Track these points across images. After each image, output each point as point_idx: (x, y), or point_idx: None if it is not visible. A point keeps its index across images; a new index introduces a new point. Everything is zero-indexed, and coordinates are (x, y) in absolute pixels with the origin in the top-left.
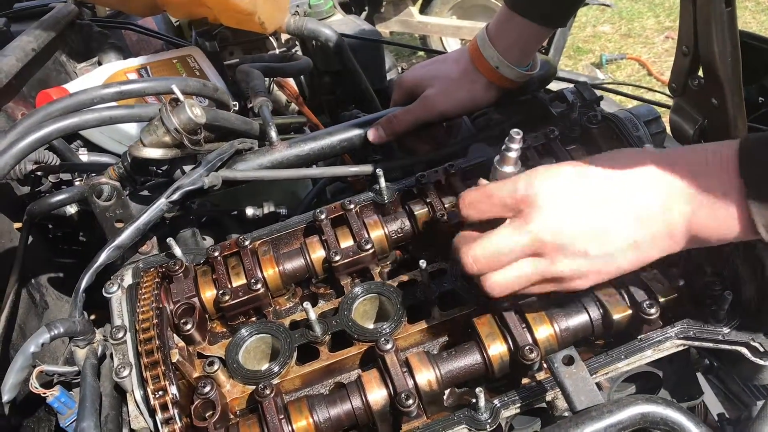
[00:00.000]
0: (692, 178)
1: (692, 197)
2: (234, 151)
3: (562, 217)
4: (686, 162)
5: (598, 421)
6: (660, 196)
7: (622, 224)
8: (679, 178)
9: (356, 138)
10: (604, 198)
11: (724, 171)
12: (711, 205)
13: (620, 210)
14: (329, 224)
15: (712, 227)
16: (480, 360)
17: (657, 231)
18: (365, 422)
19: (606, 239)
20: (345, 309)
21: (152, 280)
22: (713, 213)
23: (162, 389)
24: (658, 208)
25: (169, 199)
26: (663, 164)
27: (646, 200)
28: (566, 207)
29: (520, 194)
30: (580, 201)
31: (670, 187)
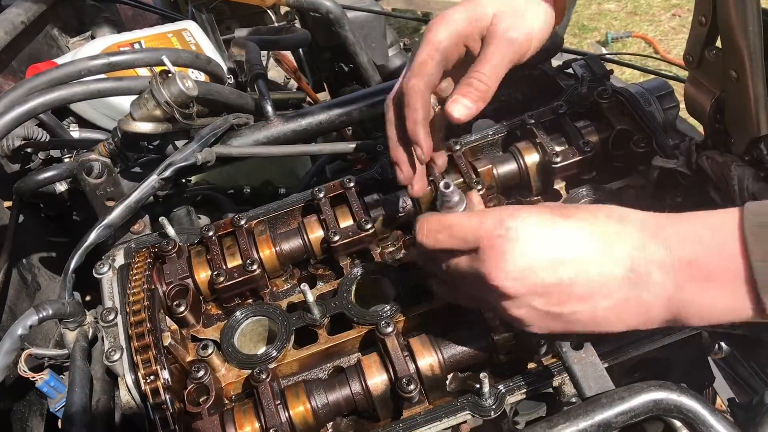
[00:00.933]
0: (679, 246)
1: (678, 270)
2: (228, 126)
3: (513, 271)
4: (673, 228)
5: (608, 408)
6: (636, 262)
7: (582, 288)
8: (662, 245)
9: (355, 112)
10: (566, 256)
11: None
12: (702, 281)
13: (583, 272)
14: (328, 203)
15: (702, 309)
16: (484, 344)
17: (625, 302)
18: (365, 408)
19: (558, 301)
20: (344, 291)
21: (144, 260)
22: (705, 292)
23: (153, 374)
24: (633, 278)
25: (160, 175)
26: (644, 228)
27: (616, 265)
28: (520, 261)
29: (482, 233)
30: (541, 256)
31: (649, 252)
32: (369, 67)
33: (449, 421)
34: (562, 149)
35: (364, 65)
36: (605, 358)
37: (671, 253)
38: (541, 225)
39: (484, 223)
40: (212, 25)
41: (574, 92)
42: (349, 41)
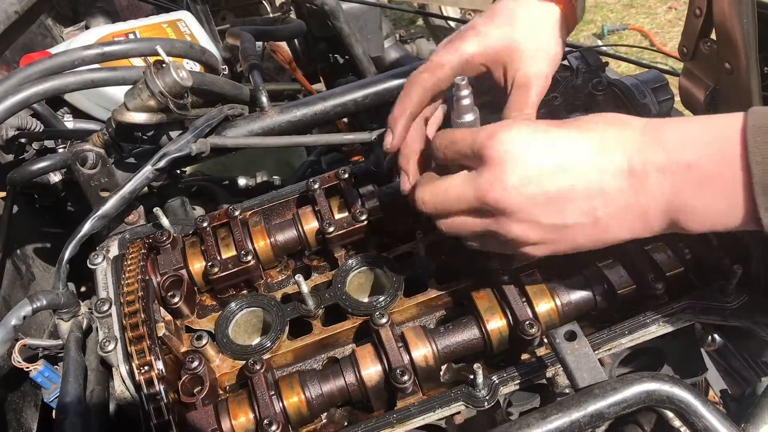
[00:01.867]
0: (679, 149)
1: (677, 173)
2: (223, 116)
3: (511, 182)
4: (674, 131)
5: (601, 399)
6: (634, 167)
7: (582, 195)
8: (661, 149)
9: (350, 103)
10: (564, 163)
11: (722, 146)
12: (700, 185)
13: (582, 179)
14: (323, 194)
15: (699, 212)
16: (478, 335)
17: (625, 207)
18: (359, 399)
19: (560, 210)
20: (339, 282)
21: (138, 251)
22: (703, 197)
23: (147, 364)
24: (629, 180)
25: (155, 166)
26: (646, 132)
27: (614, 170)
28: (519, 171)
29: (477, 147)
30: (537, 164)
31: (647, 156)
32: (364, 59)
33: (443, 411)
34: None
35: (359, 57)
36: (597, 349)
37: (670, 157)
38: (536, 135)
39: (481, 135)
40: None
41: (569, 84)
42: (344, 33)
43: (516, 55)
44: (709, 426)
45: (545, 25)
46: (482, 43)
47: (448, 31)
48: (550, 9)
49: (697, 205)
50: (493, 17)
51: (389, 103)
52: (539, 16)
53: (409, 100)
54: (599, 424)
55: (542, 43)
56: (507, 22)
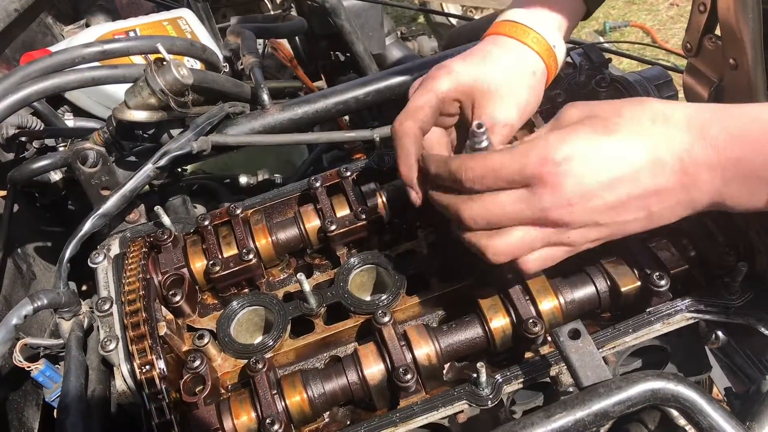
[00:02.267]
0: (727, 146)
1: (726, 168)
2: (224, 114)
3: (574, 200)
4: (719, 127)
5: (606, 398)
6: (685, 167)
7: (638, 197)
8: (710, 147)
9: (352, 101)
10: (621, 175)
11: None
12: (747, 177)
13: (637, 185)
14: (324, 192)
15: (743, 200)
16: (481, 333)
17: (677, 202)
18: (361, 397)
19: (618, 213)
20: (341, 280)
21: (139, 249)
22: (749, 187)
23: (149, 363)
24: (683, 181)
25: (156, 164)
26: (691, 129)
27: (667, 173)
28: (579, 189)
29: (530, 171)
30: (595, 180)
31: (697, 156)
32: (366, 57)
33: (446, 410)
34: None
35: (360, 54)
36: (602, 347)
37: (719, 154)
38: (590, 148)
39: (530, 159)
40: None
41: (572, 81)
42: (346, 30)
43: (485, 95)
44: (714, 424)
45: (521, 71)
46: (453, 80)
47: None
48: (529, 56)
49: (743, 194)
50: (466, 56)
51: (391, 101)
52: (516, 62)
53: (407, 153)
54: (604, 423)
55: (514, 89)
56: (480, 62)
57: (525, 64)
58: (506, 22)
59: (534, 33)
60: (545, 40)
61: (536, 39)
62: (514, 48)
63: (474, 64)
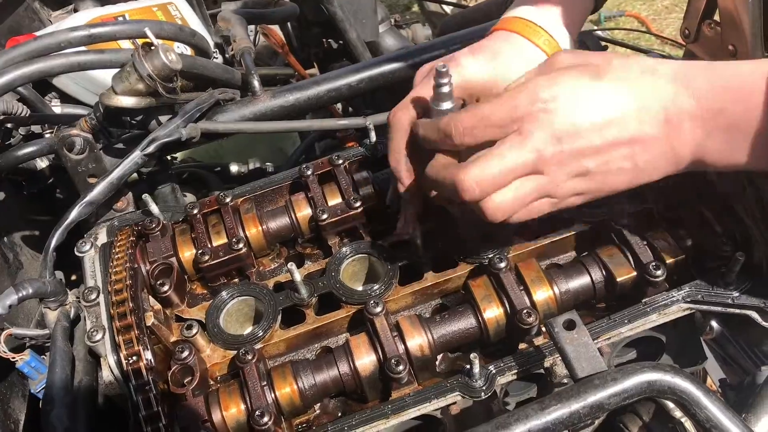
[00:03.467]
0: (709, 96)
1: (707, 119)
2: (214, 101)
3: (564, 133)
4: (703, 78)
5: (601, 389)
6: (669, 116)
7: (625, 145)
8: (692, 97)
9: (344, 87)
10: (609, 117)
11: (748, 91)
12: (728, 129)
13: (625, 129)
14: (316, 180)
15: (724, 155)
16: (475, 324)
17: (661, 153)
18: (353, 389)
19: (607, 159)
20: (332, 270)
21: (127, 238)
22: (729, 140)
23: (136, 354)
24: (666, 130)
25: (144, 151)
26: (677, 80)
27: (651, 120)
28: (569, 123)
29: (521, 112)
30: (585, 119)
31: (681, 105)
32: (359, 44)
33: (438, 402)
34: None
35: (353, 42)
36: (597, 338)
37: (701, 105)
38: (579, 89)
39: (520, 100)
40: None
41: None
42: (338, 17)
43: (489, 93)
44: (711, 416)
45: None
46: (460, 76)
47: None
48: (540, 60)
49: (723, 148)
50: (475, 51)
51: (384, 88)
52: (527, 65)
53: (396, 145)
54: (599, 415)
55: None
56: (491, 60)
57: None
58: (518, 19)
59: (546, 35)
60: (556, 43)
61: (548, 41)
62: (525, 49)
63: (484, 61)
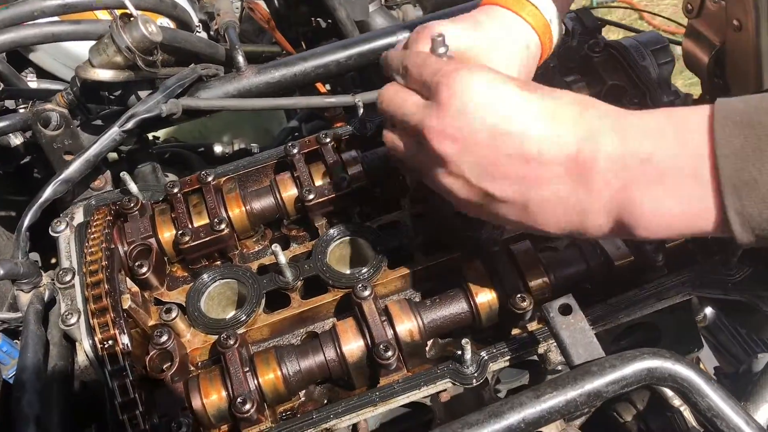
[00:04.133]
0: (636, 138)
1: (628, 166)
2: (196, 76)
3: (449, 128)
4: (637, 119)
5: (599, 376)
6: (582, 152)
7: (514, 165)
8: (617, 136)
9: (333, 64)
10: (507, 124)
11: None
12: (654, 182)
13: (519, 146)
14: (302, 159)
15: (650, 213)
16: (466, 308)
17: (559, 198)
18: (339, 375)
19: (489, 174)
20: (319, 252)
21: (104, 218)
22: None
23: (111, 338)
24: (569, 166)
25: (122, 127)
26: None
27: (556, 147)
28: (462, 119)
29: (437, 78)
30: (479, 118)
31: (599, 143)
32: (348, 24)
33: (428, 389)
34: None
35: (342, 21)
36: (594, 324)
37: (625, 146)
38: (493, 87)
39: (446, 66)
40: None
41: (564, 45)
42: None
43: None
44: (713, 405)
45: (514, 45)
46: None
47: None
48: (523, 30)
49: (649, 205)
50: (456, 20)
51: (374, 65)
52: (509, 34)
53: None
54: (596, 403)
55: (505, 63)
56: (470, 29)
57: (519, 38)
58: None
59: (531, 6)
60: (542, 15)
61: (532, 12)
62: (508, 19)
63: (464, 29)
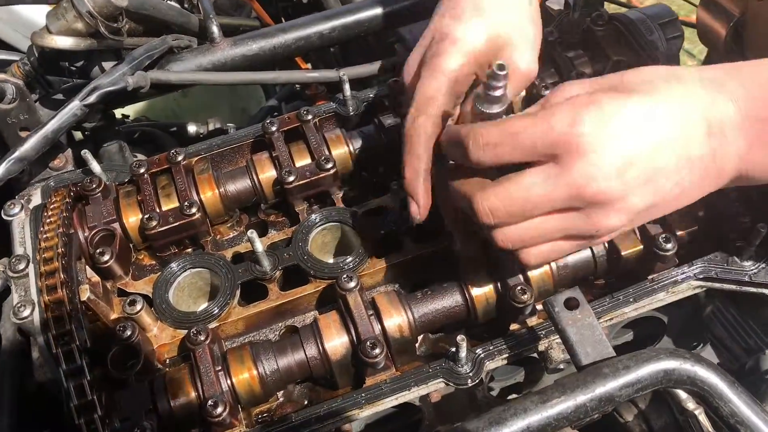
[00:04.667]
0: (750, 104)
1: (751, 129)
2: (166, 48)
3: (611, 167)
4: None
5: (611, 379)
6: (711, 128)
7: (674, 170)
8: (732, 105)
9: (315, 36)
10: (659, 139)
11: None
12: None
13: (674, 153)
14: (282, 138)
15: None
16: (461, 302)
17: (707, 173)
18: (321, 374)
19: (655, 190)
20: (300, 240)
21: (62, 200)
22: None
23: (67, 334)
24: (710, 144)
25: (84, 101)
26: (705, 85)
27: (698, 137)
28: (619, 155)
29: (557, 135)
30: (634, 145)
31: (722, 115)
32: None
33: (419, 389)
34: (552, 81)
35: None
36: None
37: (741, 111)
38: (619, 109)
39: (557, 121)
40: None
41: (565, 18)
42: None
43: (500, 52)
44: (737, 411)
45: (519, 5)
46: (463, 52)
47: None
48: None
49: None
50: (457, 14)
51: (359, 38)
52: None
53: (417, 157)
54: (607, 408)
55: (522, 29)
56: (477, 15)
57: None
58: None
59: None
60: None
61: None
62: None
63: (474, 20)
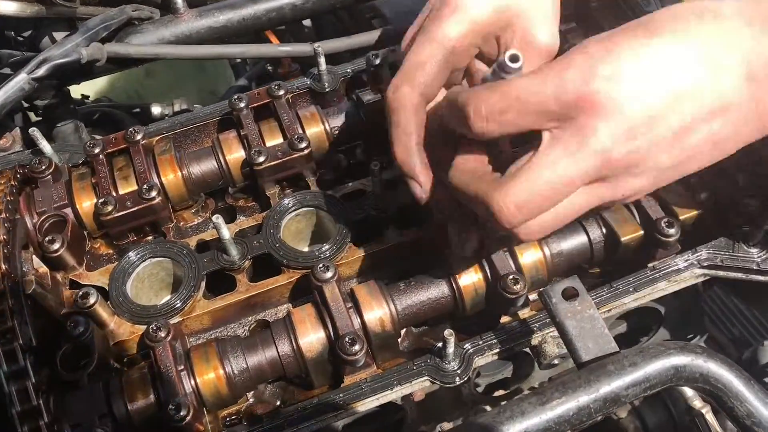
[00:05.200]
0: None
1: None
2: (126, 18)
3: (639, 122)
4: None
5: (616, 377)
6: (753, 71)
7: (706, 119)
8: None
9: (287, 7)
10: (684, 89)
11: None
12: None
13: (703, 103)
14: (251, 115)
15: None
16: (448, 293)
17: (744, 119)
18: (295, 373)
19: (682, 147)
20: (271, 226)
21: (7, 183)
22: None
23: (9, 331)
24: (750, 89)
25: (32, 74)
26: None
27: (734, 80)
28: (642, 107)
29: (572, 94)
30: (658, 94)
31: (759, 56)
32: None
33: (403, 389)
34: None
35: None
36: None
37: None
38: (640, 56)
39: (569, 78)
40: None
41: None
42: None
43: (513, 26)
44: (753, 411)
45: None
46: (464, 20)
47: None
48: None
49: None
50: None
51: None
52: None
53: (405, 131)
54: (613, 409)
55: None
56: None
57: None
58: None
59: None
60: None
61: None
62: None
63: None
